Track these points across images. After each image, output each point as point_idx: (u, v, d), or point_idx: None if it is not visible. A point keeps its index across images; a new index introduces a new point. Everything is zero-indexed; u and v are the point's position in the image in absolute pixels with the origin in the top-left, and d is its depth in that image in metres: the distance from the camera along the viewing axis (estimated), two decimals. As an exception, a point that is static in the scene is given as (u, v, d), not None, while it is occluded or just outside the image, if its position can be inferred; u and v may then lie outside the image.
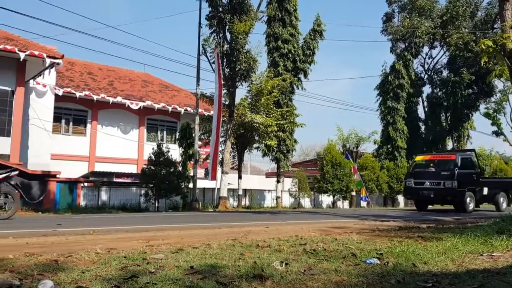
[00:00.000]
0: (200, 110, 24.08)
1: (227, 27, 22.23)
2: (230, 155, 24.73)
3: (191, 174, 22.73)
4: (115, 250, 4.45)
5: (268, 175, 38.12)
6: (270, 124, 23.80)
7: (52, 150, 23.28)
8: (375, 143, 36.33)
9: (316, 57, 30.25)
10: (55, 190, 19.06)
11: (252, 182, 33.13)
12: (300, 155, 58.67)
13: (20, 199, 17.17)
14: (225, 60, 22.31)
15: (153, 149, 21.94)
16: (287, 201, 31.32)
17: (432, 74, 43.39)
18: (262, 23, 26.68)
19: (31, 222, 10.28)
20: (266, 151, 27.76)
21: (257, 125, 23.82)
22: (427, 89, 44.27)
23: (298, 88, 30.07)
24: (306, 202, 32.59)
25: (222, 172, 22.55)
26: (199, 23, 23.06)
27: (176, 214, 16.78)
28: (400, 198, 37.23)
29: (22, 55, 18.96)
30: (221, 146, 23.12)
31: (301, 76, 30.04)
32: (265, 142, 25.49)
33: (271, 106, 25.23)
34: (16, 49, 18.80)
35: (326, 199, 33.25)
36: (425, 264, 3.81)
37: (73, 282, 2.89)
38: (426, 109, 42.95)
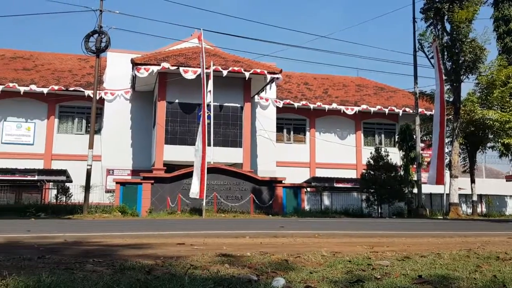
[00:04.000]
0: (420, 109, 22.73)
1: (445, 17, 20.52)
2: (459, 156, 22.45)
3: (415, 178, 21.52)
4: (340, 254, 4.45)
5: (509, 178, 33.11)
6: (508, 119, 20.63)
7: (277, 158, 25.43)
8: None
9: None
10: (282, 195, 20.60)
11: (489, 186, 29.26)
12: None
13: (253, 203, 19.37)
14: (445, 53, 20.63)
15: (371, 153, 21.65)
16: (538, 208, 26.56)
17: None
18: (487, 6, 23.57)
19: (263, 224, 11.28)
20: (504, 151, 24.15)
21: (491, 122, 21.01)
22: None
23: (544, 74, 25.34)
24: None
25: (451, 176, 20.65)
26: (413, 18, 21.98)
27: (400, 220, 16.08)
28: None
29: (247, 74, 21.50)
30: (447, 148, 21.25)
31: (546, 59, 25.22)
32: (502, 141, 22.21)
33: (507, 99, 21.88)
34: (242, 69, 21.43)
35: None
36: None
37: (302, 281, 2.96)
38: None
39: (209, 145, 17.90)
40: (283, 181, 20.93)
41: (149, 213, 18.04)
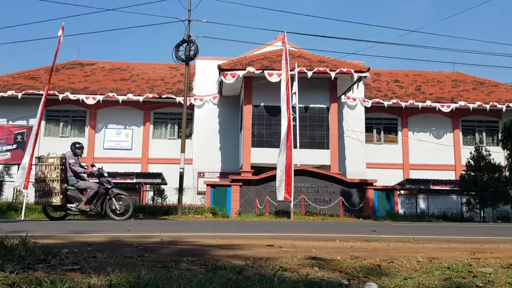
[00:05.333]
0: (527, 104, 20.75)
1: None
2: None
3: (522, 180, 19.69)
4: (437, 260, 4.18)
5: None
6: None
7: (367, 159, 24.66)
8: None
9: None
10: (373, 197, 19.94)
11: None
12: None
13: (342, 206, 18.98)
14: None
15: (471, 153, 20.19)
16: None
17: None
18: None
19: (353, 227, 11.00)
20: None
21: None
22: None
23: None
24: None
25: None
26: (516, 4, 20.15)
27: (507, 225, 14.77)
28: None
29: (332, 74, 21.17)
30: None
31: None
32: None
33: None
34: (327, 70, 21.15)
35: None
36: None
37: (396, 287, 2.83)
38: None
39: (295, 147, 17.85)
40: (374, 184, 20.27)
41: (238, 215, 18.48)
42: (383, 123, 27.23)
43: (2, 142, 25.43)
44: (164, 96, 25.35)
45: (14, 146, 25.23)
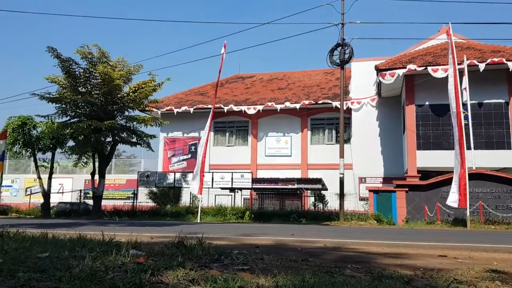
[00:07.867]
0: None
1: None
2: None
3: None
4: None
5: None
6: None
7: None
8: None
9: None
10: None
11: None
12: None
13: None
14: None
15: None
16: None
17: None
18: None
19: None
20: None
21: None
22: None
23: None
24: None
25: None
26: None
27: None
28: None
29: (510, 64, 18.61)
30: None
31: None
32: None
33: None
34: (504, 60, 18.65)
35: None
36: None
37: None
38: None
39: (468, 148, 16.14)
40: None
41: (405, 222, 17.48)
42: None
43: (179, 153, 28.91)
44: (320, 102, 25.59)
45: (189, 155, 28.46)
